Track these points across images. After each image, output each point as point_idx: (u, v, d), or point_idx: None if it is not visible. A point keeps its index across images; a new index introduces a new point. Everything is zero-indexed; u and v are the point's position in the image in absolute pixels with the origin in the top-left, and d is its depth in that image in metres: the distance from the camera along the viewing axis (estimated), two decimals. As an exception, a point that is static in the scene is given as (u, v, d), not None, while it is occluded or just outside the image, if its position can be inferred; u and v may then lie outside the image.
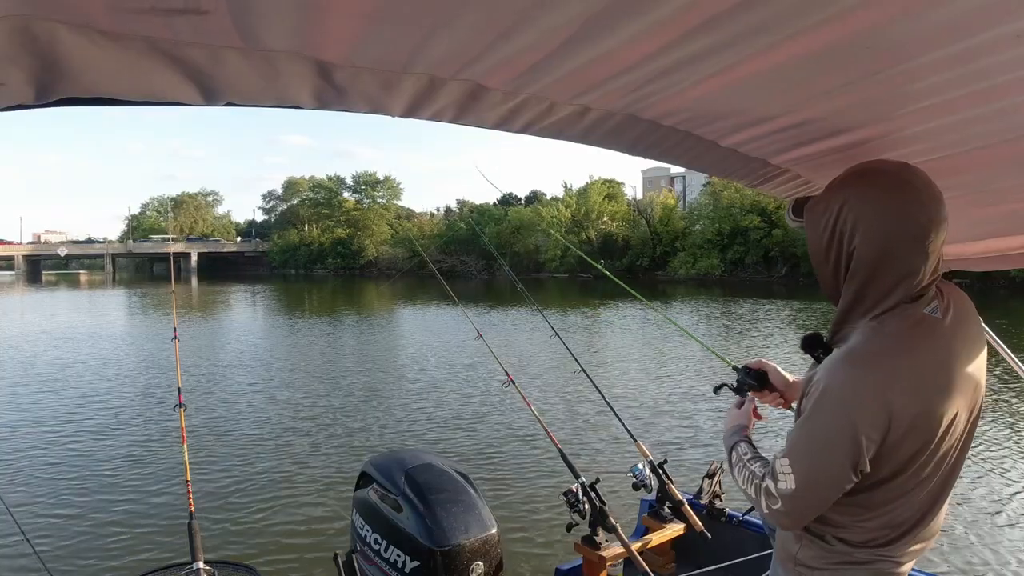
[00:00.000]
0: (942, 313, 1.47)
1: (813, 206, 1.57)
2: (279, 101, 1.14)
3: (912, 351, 1.42)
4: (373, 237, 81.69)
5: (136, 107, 1.07)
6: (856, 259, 1.46)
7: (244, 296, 45.03)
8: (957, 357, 1.46)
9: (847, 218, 1.46)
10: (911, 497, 1.48)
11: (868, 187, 1.46)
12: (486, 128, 1.40)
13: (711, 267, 51.74)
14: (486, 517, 3.23)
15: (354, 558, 3.01)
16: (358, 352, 18.53)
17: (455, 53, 1.04)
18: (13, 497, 6.84)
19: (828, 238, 1.51)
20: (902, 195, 1.42)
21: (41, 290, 56.00)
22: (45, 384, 13.45)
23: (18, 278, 77.90)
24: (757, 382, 1.98)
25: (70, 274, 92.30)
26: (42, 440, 9.40)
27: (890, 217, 1.42)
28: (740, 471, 1.65)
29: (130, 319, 29.95)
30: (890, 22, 0.99)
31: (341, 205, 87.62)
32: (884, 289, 1.45)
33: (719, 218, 52.71)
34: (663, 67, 1.15)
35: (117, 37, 0.86)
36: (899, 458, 1.43)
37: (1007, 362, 2.90)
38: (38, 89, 0.92)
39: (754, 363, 2.04)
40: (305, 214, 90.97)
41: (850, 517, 1.50)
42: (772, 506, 1.50)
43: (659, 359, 15.90)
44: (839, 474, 1.41)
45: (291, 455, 8.67)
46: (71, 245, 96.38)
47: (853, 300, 1.49)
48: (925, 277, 1.45)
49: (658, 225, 58.92)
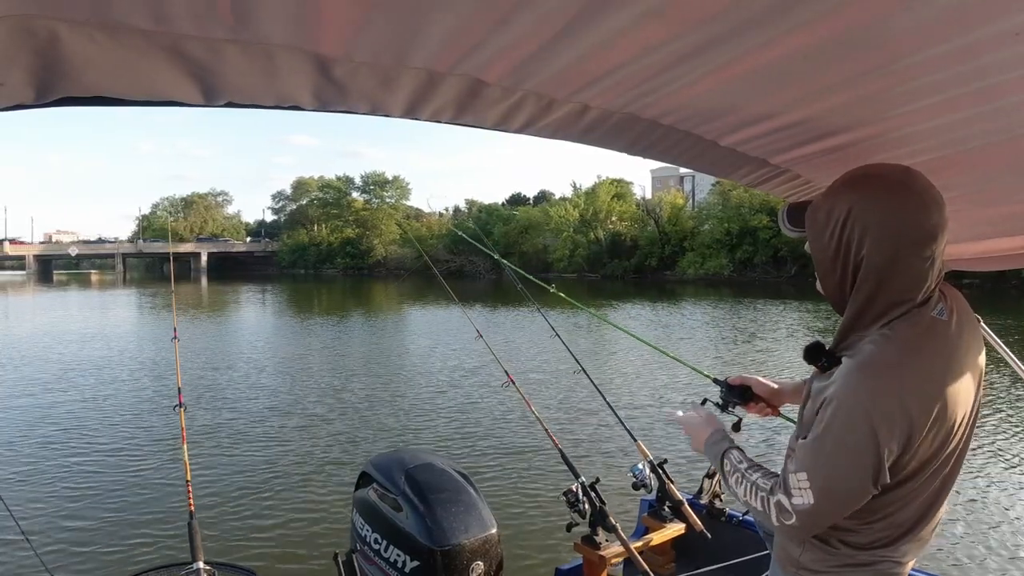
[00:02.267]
0: (948, 315, 1.47)
1: (814, 214, 1.54)
2: (279, 100, 1.14)
3: (925, 356, 1.42)
4: (382, 237, 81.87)
5: (145, 107, 1.08)
6: (865, 267, 1.44)
7: (252, 296, 45.18)
8: (962, 358, 1.46)
9: (854, 226, 1.44)
10: (915, 498, 1.48)
11: (873, 194, 1.44)
12: (485, 128, 1.40)
13: (720, 267, 51.65)
14: (486, 517, 3.23)
15: (354, 558, 3.02)
16: (360, 352, 18.56)
17: (450, 42, 1.03)
18: (13, 497, 6.85)
19: (835, 247, 1.48)
20: (908, 201, 1.41)
21: (51, 289, 56.28)
22: (47, 383, 13.49)
23: (29, 277, 78.30)
24: (740, 398, 2.00)
25: (81, 274, 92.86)
26: (42, 440, 9.43)
27: (898, 224, 1.40)
28: (739, 482, 1.62)
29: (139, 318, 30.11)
30: (887, 17, 0.99)
31: (350, 205, 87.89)
32: (894, 296, 1.44)
33: (728, 218, 52.63)
34: (661, 63, 1.15)
35: (116, 34, 0.86)
36: (914, 463, 1.43)
37: (1007, 362, 2.89)
38: (38, 89, 0.93)
39: (735, 379, 2.05)
40: (314, 214, 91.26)
41: (858, 521, 1.49)
42: (786, 521, 1.47)
43: (660, 359, 15.86)
44: (860, 488, 1.40)
45: (292, 455, 8.70)
46: (82, 245, 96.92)
47: (862, 308, 1.47)
48: (932, 281, 1.45)
49: (667, 225, 58.85)
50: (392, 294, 44.93)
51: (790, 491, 1.45)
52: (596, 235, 60.82)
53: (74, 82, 0.94)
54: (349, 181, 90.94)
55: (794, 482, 1.44)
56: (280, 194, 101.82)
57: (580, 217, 61.72)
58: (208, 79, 1.01)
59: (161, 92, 1.02)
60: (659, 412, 10.75)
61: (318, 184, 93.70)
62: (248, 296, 44.99)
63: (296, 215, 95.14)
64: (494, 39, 1.02)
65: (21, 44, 0.83)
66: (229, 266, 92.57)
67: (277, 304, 39.33)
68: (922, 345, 1.42)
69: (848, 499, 1.42)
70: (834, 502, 1.42)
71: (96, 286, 62.30)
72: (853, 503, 1.43)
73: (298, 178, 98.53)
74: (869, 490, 1.40)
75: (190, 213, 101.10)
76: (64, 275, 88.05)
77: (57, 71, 0.90)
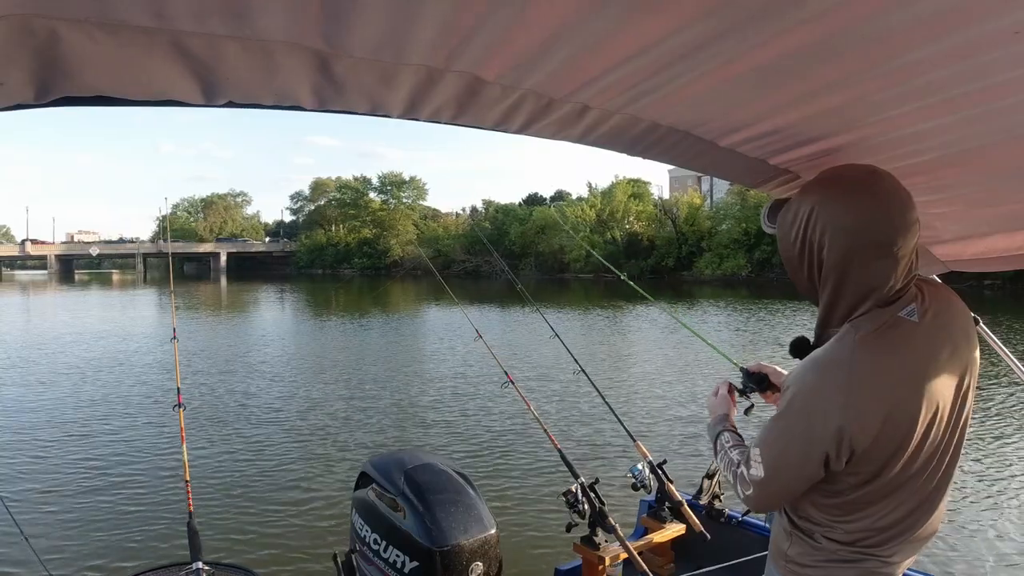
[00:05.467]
0: (920, 315, 1.46)
1: (784, 213, 1.58)
2: (279, 99, 1.14)
3: (881, 354, 1.43)
4: (399, 237, 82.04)
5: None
6: (826, 267, 1.48)
7: (268, 296, 45.57)
8: (934, 358, 1.46)
9: (815, 226, 1.47)
10: (896, 498, 1.49)
11: (834, 194, 1.47)
12: (485, 128, 1.40)
13: (737, 267, 51.33)
14: (486, 517, 3.23)
15: (353, 558, 3.03)
16: (361, 352, 18.62)
17: (447, 34, 1.02)
18: (13, 497, 6.90)
19: (799, 246, 1.52)
20: (867, 202, 1.42)
21: (73, 289, 56.98)
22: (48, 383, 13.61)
23: (51, 277, 79.21)
24: (758, 385, 2.03)
25: (102, 273, 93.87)
26: (43, 440, 9.48)
27: (853, 225, 1.43)
28: (722, 458, 1.74)
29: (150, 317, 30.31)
30: (885, 15, 0.99)
31: (367, 205, 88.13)
32: (855, 295, 1.46)
33: (746, 217, 52.18)
34: (660, 63, 1.15)
35: (116, 33, 0.87)
36: (874, 461, 1.44)
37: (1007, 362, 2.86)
38: (38, 88, 0.93)
39: (753, 366, 2.07)
40: (332, 214, 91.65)
41: (831, 517, 1.53)
42: (745, 491, 1.58)
43: (661, 359, 15.83)
44: (800, 468, 1.47)
45: (291, 455, 8.74)
46: (103, 245, 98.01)
47: (829, 306, 1.51)
48: (897, 281, 1.45)
49: (684, 225, 58.54)
50: (409, 295, 45.04)
51: (749, 463, 1.55)
52: (613, 235, 60.62)
53: (74, 81, 0.95)
54: (366, 181, 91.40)
55: (753, 455, 1.54)
56: (298, 195, 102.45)
57: (596, 217, 61.54)
58: (208, 78, 1.01)
59: (161, 91, 1.03)
60: (660, 412, 10.74)
61: (336, 184, 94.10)
62: (264, 296, 45.37)
63: (314, 215, 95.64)
64: (491, 32, 1.02)
65: (21, 43, 0.83)
66: (248, 266, 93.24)
67: (290, 304, 39.59)
68: (878, 344, 1.43)
69: (792, 476, 1.50)
70: (780, 479, 1.51)
71: (116, 286, 63.01)
72: (798, 480, 1.50)
73: (316, 179, 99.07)
74: (812, 471, 1.46)
75: (210, 214, 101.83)
76: (86, 274, 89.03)
77: (57, 70, 0.91)
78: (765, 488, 1.53)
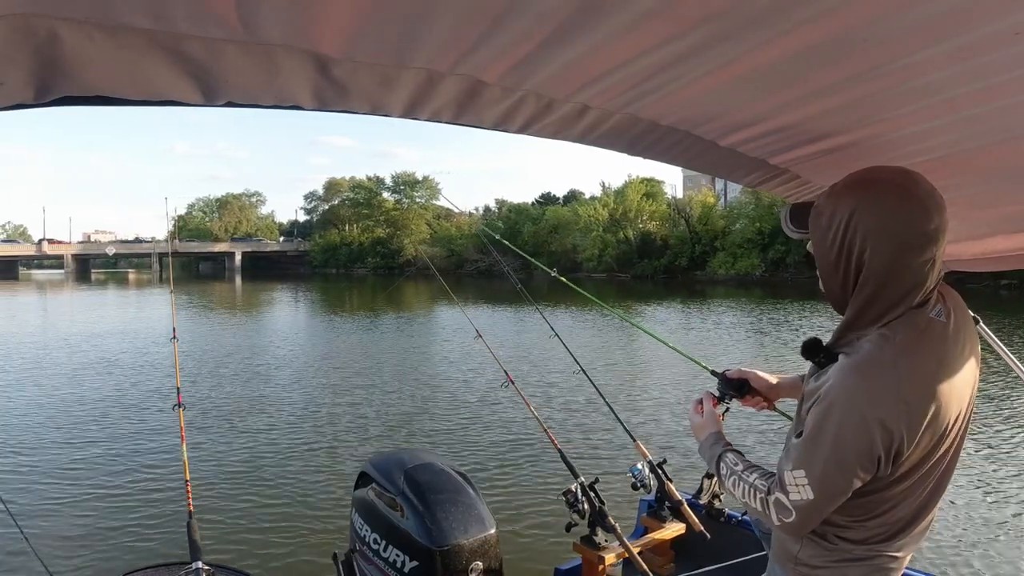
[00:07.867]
0: (945, 316, 1.48)
1: (817, 217, 1.54)
2: (279, 100, 1.15)
3: (922, 356, 1.44)
4: (412, 236, 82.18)
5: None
6: (866, 271, 1.45)
7: (280, 295, 45.69)
8: (958, 359, 1.48)
9: (856, 231, 1.44)
10: (910, 495, 1.51)
11: (875, 198, 1.44)
12: (485, 128, 1.41)
13: (751, 267, 51.03)
14: (485, 517, 3.23)
15: (353, 558, 3.04)
16: (365, 351, 18.62)
17: (450, 42, 1.03)
18: (13, 497, 6.92)
19: (837, 251, 1.49)
20: (909, 206, 1.41)
21: (90, 288, 57.40)
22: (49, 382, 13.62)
23: (67, 276, 79.87)
24: (737, 391, 2.01)
25: (118, 272, 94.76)
26: (43, 439, 9.51)
27: (899, 229, 1.41)
28: (736, 484, 1.64)
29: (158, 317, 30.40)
30: (886, 17, 0.99)
31: (381, 205, 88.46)
32: (894, 298, 1.45)
33: (760, 217, 51.90)
34: (660, 63, 1.15)
35: (116, 34, 0.87)
36: (910, 462, 1.45)
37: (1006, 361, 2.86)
38: (38, 88, 0.94)
39: (733, 372, 2.07)
40: (346, 214, 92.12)
41: (853, 518, 1.52)
42: (786, 519, 1.50)
43: (661, 359, 15.74)
44: (853, 480, 1.43)
45: (291, 455, 8.74)
46: (119, 244, 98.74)
47: (862, 309, 1.48)
48: (931, 283, 1.46)
49: (697, 224, 58.28)
50: (420, 294, 45.01)
51: (787, 488, 1.48)
52: (626, 234, 60.45)
53: (74, 81, 0.95)
54: (380, 181, 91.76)
55: (790, 479, 1.47)
56: (312, 194, 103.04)
57: (609, 216, 61.39)
58: (207, 79, 1.02)
59: (160, 92, 1.03)
60: (659, 412, 10.71)
61: (349, 184, 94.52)
62: (278, 295, 45.50)
63: (328, 215, 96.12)
64: (493, 39, 1.03)
65: (21, 43, 0.84)
66: (262, 266, 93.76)
67: (303, 304, 39.71)
68: (919, 346, 1.43)
69: (842, 493, 1.45)
70: (832, 498, 1.45)
71: (133, 285, 63.47)
72: (846, 496, 1.46)
73: (330, 179, 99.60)
74: (863, 481, 1.43)
75: (224, 213, 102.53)
76: (103, 274, 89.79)
77: (57, 70, 0.91)
78: (815, 510, 1.47)
